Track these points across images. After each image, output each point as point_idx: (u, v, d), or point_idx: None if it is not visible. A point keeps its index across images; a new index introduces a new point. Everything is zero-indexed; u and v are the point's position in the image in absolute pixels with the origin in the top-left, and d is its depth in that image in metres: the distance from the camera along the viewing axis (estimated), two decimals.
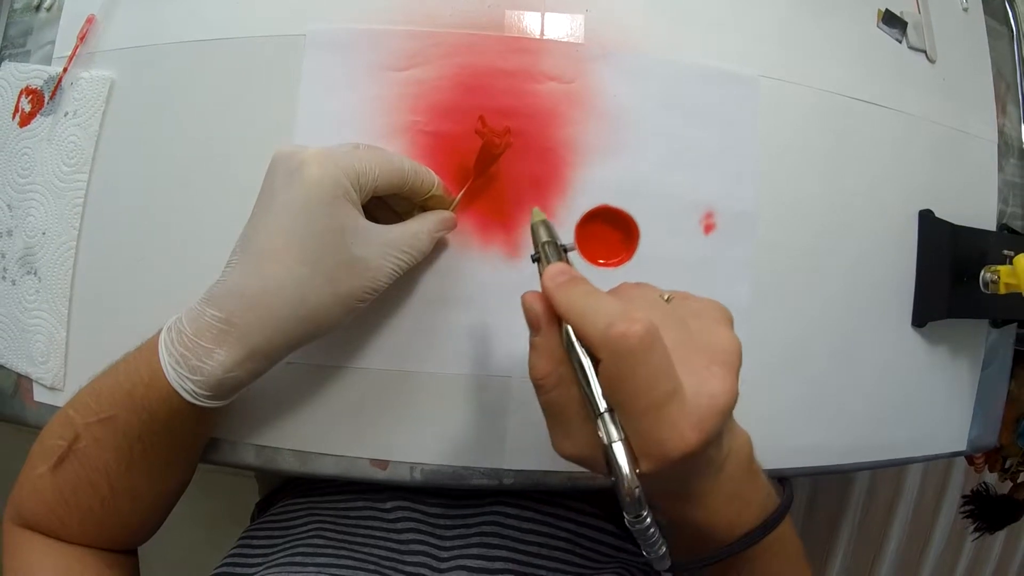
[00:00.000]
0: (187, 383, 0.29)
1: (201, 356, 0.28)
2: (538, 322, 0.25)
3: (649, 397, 0.22)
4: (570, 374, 0.24)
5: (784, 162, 0.39)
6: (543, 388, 0.25)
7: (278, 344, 0.29)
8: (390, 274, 0.31)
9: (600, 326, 0.22)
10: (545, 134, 0.36)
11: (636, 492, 0.22)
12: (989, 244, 0.43)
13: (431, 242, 0.33)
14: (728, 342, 0.25)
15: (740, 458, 0.26)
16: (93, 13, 0.39)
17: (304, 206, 0.28)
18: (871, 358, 0.42)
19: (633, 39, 0.37)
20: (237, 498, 0.67)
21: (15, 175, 0.40)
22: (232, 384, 0.29)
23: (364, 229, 0.30)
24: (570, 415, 0.25)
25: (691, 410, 0.22)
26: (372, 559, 0.35)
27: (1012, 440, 0.64)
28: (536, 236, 0.29)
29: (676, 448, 0.22)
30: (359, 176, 0.29)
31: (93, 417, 0.31)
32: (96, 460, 0.31)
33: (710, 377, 0.23)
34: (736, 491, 0.26)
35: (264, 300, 0.28)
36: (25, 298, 0.39)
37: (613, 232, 0.36)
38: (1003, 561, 1.06)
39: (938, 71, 0.44)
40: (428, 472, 0.36)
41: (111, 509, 0.32)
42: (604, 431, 0.23)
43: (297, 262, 0.28)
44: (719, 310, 0.27)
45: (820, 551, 1.01)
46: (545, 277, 0.25)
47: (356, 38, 0.36)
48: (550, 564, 0.36)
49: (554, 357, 0.25)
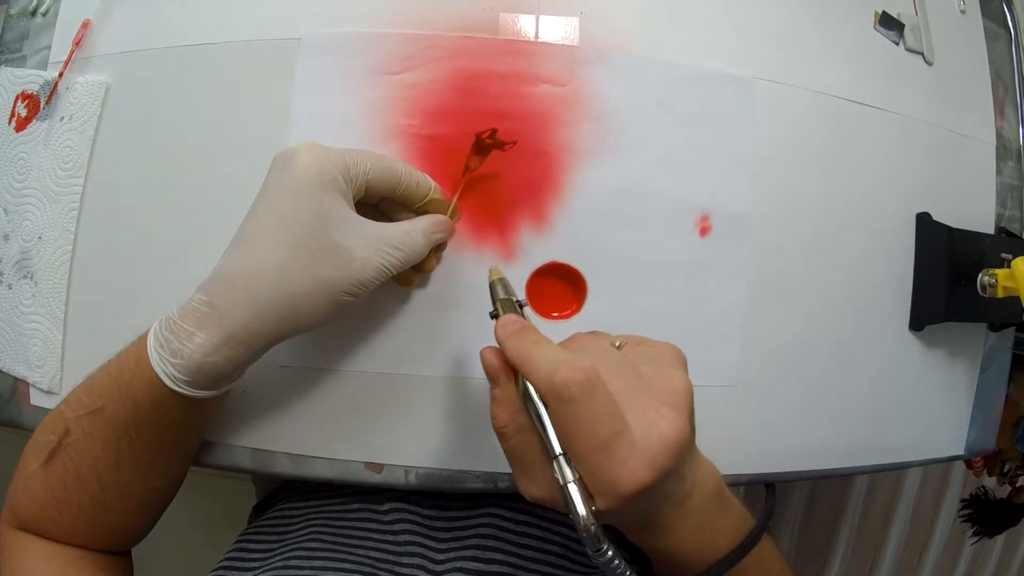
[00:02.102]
0: (168, 366, 0.29)
1: (183, 339, 0.28)
2: (496, 374, 0.27)
3: (596, 438, 0.23)
4: (528, 422, 0.26)
5: (780, 164, 0.39)
6: (504, 436, 0.27)
7: (255, 330, 0.29)
8: (378, 268, 0.30)
9: (544, 374, 0.24)
10: (540, 137, 0.36)
11: (592, 528, 0.23)
12: (987, 247, 0.43)
13: (427, 242, 0.32)
14: (678, 384, 0.26)
15: (706, 491, 0.27)
16: (89, 18, 0.39)
17: (291, 191, 0.29)
18: (868, 361, 0.42)
19: (628, 41, 0.37)
20: (234, 501, 0.67)
21: (11, 180, 0.40)
22: (211, 371, 0.29)
23: (350, 219, 0.30)
24: (531, 460, 0.26)
25: (641, 449, 0.24)
26: (368, 562, 0.35)
27: (1010, 444, 0.64)
28: (494, 293, 0.31)
29: (627, 485, 0.23)
30: (348, 167, 0.30)
31: (83, 410, 0.31)
32: (85, 454, 0.31)
33: (659, 419, 0.24)
34: (705, 521, 0.28)
35: (244, 282, 0.28)
36: (21, 302, 0.39)
37: (563, 286, 0.37)
38: (1001, 565, 1.06)
39: (935, 73, 0.44)
40: (423, 475, 0.36)
41: (101, 506, 0.32)
42: (559, 473, 0.24)
43: (278, 244, 0.28)
44: (672, 353, 0.28)
45: (818, 555, 1.01)
46: (497, 328, 0.27)
47: (350, 42, 0.36)
48: (545, 567, 0.36)
49: (512, 407, 0.27)
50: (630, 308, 0.37)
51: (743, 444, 0.39)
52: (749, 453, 0.39)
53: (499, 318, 0.28)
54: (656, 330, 0.36)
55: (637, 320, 0.36)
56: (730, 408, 0.38)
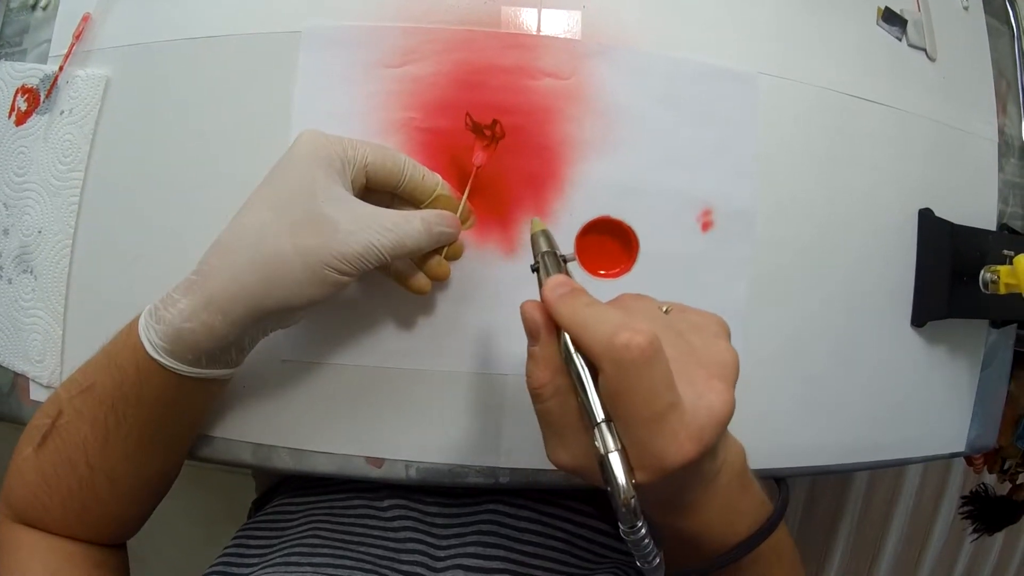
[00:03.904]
0: (151, 332, 0.29)
1: (168, 306, 0.29)
2: (537, 331, 0.26)
3: (651, 408, 0.22)
4: (567, 384, 0.24)
5: (783, 160, 0.39)
6: (540, 397, 0.25)
7: (233, 293, 0.28)
8: (365, 244, 0.29)
9: (603, 337, 0.22)
10: (542, 131, 0.35)
11: (632, 503, 0.22)
12: (989, 244, 0.43)
13: (425, 230, 0.31)
14: (726, 355, 0.25)
15: (734, 469, 0.27)
16: (89, 11, 0.39)
17: (285, 165, 0.30)
18: (870, 357, 0.41)
19: (631, 35, 0.37)
20: (234, 496, 0.67)
21: (11, 174, 0.40)
22: (188, 338, 0.29)
23: (342, 196, 0.30)
24: (566, 425, 0.25)
25: (690, 421, 0.22)
26: (368, 558, 0.34)
27: (1011, 441, 0.64)
28: (536, 246, 0.29)
29: (674, 459, 0.22)
30: (346, 149, 0.30)
31: (76, 389, 0.31)
32: (75, 434, 0.31)
33: (708, 390, 0.23)
34: (729, 502, 0.27)
35: (228, 243, 0.29)
36: (21, 296, 0.39)
37: (612, 243, 0.36)
38: (1001, 562, 1.06)
39: (938, 70, 0.44)
40: (423, 470, 0.36)
41: (89, 490, 0.32)
42: (601, 441, 0.23)
43: (263, 208, 0.29)
44: (717, 323, 0.27)
45: (818, 552, 1.01)
46: (546, 289, 0.26)
47: (352, 35, 0.36)
48: (546, 563, 0.36)
49: (552, 367, 0.25)
50: None
51: (743, 439, 0.38)
52: (749, 449, 0.38)
53: (547, 278, 0.26)
54: None
55: None
56: None
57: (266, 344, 0.32)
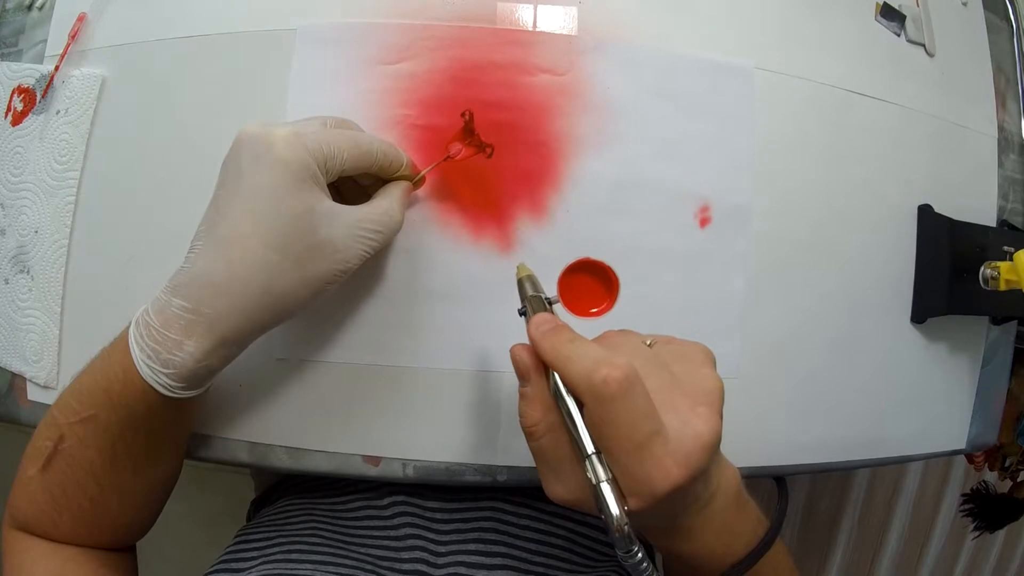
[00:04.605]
0: (161, 377, 0.28)
1: (171, 349, 0.28)
2: (527, 372, 0.27)
3: (633, 438, 0.23)
4: (559, 420, 0.25)
5: (780, 155, 0.39)
6: (533, 435, 0.26)
7: (247, 331, 0.29)
8: (360, 254, 0.30)
9: (583, 372, 0.24)
10: (538, 127, 0.35)
11: (625, 529, 0.23)
12: (989, 240, 0.42)
13: (402, 215, 0.32)
14: (711, 383, 0.26)
15: (728, 492, 0.27)
16: (84, 11, 0.39)
17: (272, 190, 0.28)
18: (869, 354, 0.41)
19: (627, 31, 0.37)
20: (235, 496, 0.67)
21: (7, 174, 0.40)
22: (205, 373, 0.29)
23: (331, 211, 0.29)
24: (560, 460, 0.26)
25: (676, 448, 0.23)
26: (369, 557, 0.34)
27: (1012, 438, 0.63)
28: (522, 291, 0.30)
29: (663, 484, 0.23)
30: (327, 160, 0.29)
31: (75, 417, 0.30)
32: (81, 459, 0.31)
33: (694, 417, 0.24)
34: (725, 524, 0.27)
35: (232, 288, 0.28)
36: (18, 297, 0.39)
37: (594, 282, 0.37)
38: (1003, 560, 1.06)
39: (937, 65, 0.44)
40: (421, 468, 0.36)
41: (100, 507, 0.32)
42: (592, 472, 0.24)
43: (265, 247, 0.28)
44: (702, 352, 0.28)
45: (819, 550, 1.01)
46: (531, 327, 0.27)
47: (346, 32, 0.36)
48: (547, 561, 0.36)
49: (543, 405, 0.26)
50: (629, 299, 0.36)
51: (743, 437, 0.38)
52: (749, 447, 0.38)
53: (532, 317, 0.28)
54: (655, 322, 0.36)
55: (636, 312, 0.36)
56: (730, 401, 0.38)
57: (261, 343, 0.32)
